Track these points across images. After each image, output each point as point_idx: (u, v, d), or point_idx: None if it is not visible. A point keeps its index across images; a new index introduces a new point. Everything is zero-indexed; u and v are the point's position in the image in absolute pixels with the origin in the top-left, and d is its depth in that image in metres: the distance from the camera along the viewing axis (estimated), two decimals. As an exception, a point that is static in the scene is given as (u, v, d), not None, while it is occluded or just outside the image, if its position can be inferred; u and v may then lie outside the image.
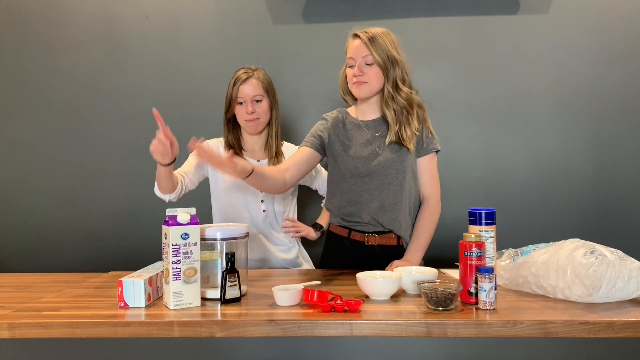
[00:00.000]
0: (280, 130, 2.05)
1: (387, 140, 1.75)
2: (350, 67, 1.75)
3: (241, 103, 1.94)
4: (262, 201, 1.98)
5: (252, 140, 2.03)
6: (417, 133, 1.76)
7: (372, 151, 1.77)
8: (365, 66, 1.72)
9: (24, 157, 2.62)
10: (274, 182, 1.70)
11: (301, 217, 2.17)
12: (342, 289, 1.49)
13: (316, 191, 2.19)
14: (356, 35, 1.74)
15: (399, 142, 1.74)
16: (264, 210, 1.98)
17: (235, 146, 2.00)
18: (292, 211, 2.09)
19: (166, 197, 1.87)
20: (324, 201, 2.15)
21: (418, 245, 1.75)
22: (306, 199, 2.34)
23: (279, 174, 1.72)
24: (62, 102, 2.60)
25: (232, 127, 2.01)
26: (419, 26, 2.48)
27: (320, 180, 2.13)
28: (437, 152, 1.82)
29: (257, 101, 1.94)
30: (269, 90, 1.97)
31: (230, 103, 1.96)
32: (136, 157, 2.58)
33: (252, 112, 1.92)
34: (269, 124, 2.01)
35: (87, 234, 2.60)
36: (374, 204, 1.77)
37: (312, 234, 2.00)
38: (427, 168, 1.80)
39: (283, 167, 1.77)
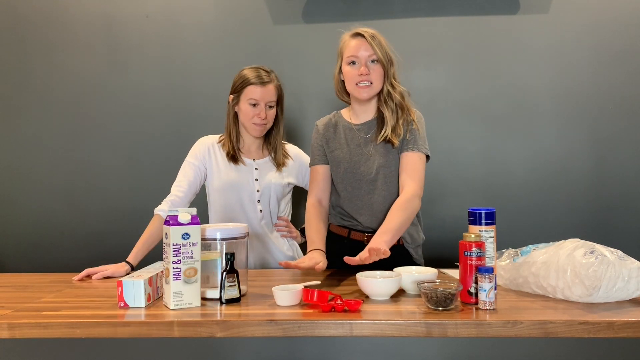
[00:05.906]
0: (284, 131, 2.05)
1: (382, 135, 1.73)
2: (350, 64, 1.73)
3: (254, 105, 1.91)
4: (258, 201, 1.97)
5: (250, 141, 2.02)
6: (402, 132, 1.75)
7: (363, 154, 1.78)
8: (371, 64, 1.72)
9: (24, 156, 2.62)
10: (326, 219, 1.84)
11: (294, 216, 2.17)
12: (342, 289, 1.50)
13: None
14: (358, 34, 1.73)
15: (391, 139, 1.72)
16: (260, 211, 1.97)
17: (234, 144, 1.98)
18: (287, 211, 2.09)
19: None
20: None
21: (385, 229, 1.61)
22: (300, 198, 2.33)
23: (322, 212, 1.82)
24: (63, 102, 2.61)
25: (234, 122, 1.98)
26: (419, 26, 2.48)
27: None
28: (427, 156, 1.77)
29: (270, 107, 1.93)
30: (280, 97, 1.97)
31: (239, 98, 1.91)
32: (136, 157, 2.58)
33: (264, 118, 1.91)
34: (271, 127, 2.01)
35: (87, 233, 2.60)
36: (369, 204, 1.77)
37: (298, 238, 2.06)
38: (409, 162, 1.73)
39: (316, 199, 1.83)
